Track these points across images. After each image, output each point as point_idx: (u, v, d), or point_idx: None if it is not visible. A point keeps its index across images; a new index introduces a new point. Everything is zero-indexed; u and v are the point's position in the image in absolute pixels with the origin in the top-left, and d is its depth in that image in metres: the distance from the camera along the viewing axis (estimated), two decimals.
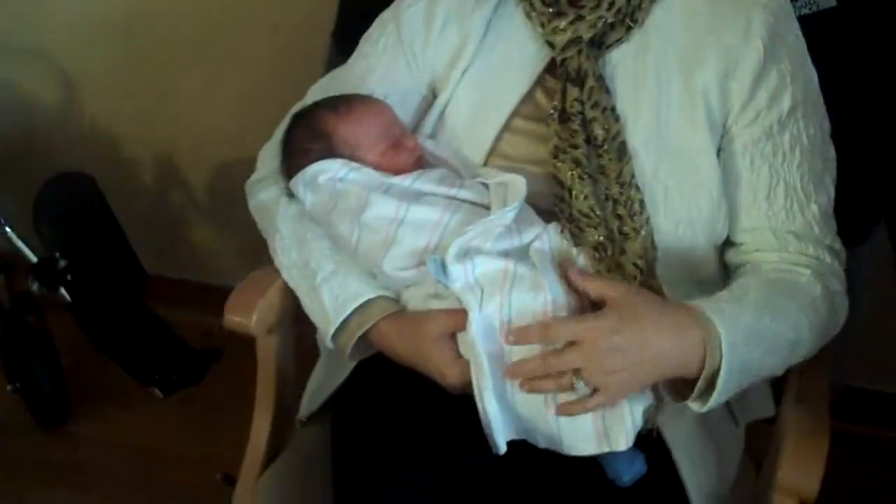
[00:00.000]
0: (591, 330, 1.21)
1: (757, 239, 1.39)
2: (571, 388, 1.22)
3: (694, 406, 1.24)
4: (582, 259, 1.33)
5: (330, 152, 1.42)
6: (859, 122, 1.59)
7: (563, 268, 1.30)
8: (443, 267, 1.29)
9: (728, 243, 1.42)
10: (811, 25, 1.48)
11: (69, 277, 2.18)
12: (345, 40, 1.71)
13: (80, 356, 2.39)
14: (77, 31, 2.45)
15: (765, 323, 1.27)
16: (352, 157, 1.42)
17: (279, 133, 1.51)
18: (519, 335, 1.25)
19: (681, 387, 1.26)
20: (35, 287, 2.19)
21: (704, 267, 1.40)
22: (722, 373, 1.21)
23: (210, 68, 2.43)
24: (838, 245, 1.40)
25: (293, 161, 1.45)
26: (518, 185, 1.37)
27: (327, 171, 1.41)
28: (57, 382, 2.33)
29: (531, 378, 1.24)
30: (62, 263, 2.18)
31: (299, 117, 1.49)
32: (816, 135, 1.39)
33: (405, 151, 1.44)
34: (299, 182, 1.42)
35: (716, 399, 1.21)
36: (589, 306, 1.27)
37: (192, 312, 2.32)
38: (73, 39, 2.47)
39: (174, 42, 2.42)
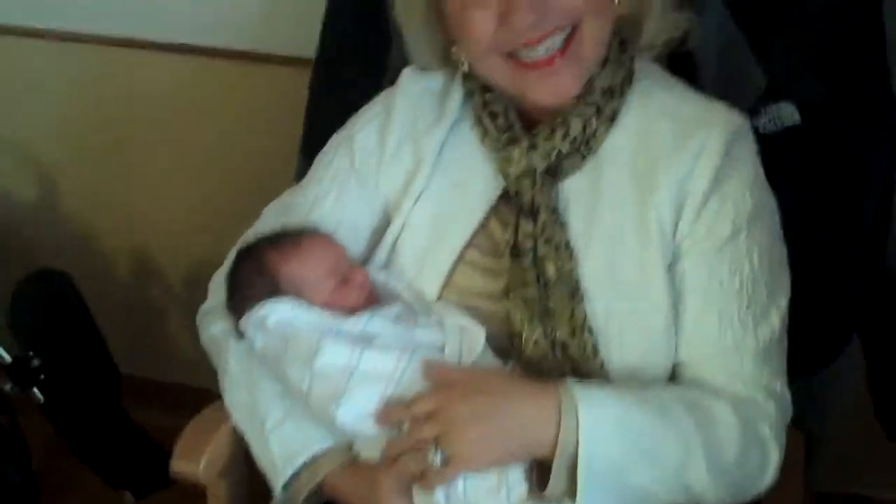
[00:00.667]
0: (445, 398, 1.24)
1: (689, 371, 1.34)
2: (430, 461, 1.23)
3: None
4: None
5: (275, 292, 1.38)
6: (826, 241, 1.56)
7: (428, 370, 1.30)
8: None
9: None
10: (776, 142, 1.48)
11: (42, 377, 2.16)
12: (312, 154, 1.66)
13: (52, 457, 2.34)
14: (52, 126, 2.46)
15: (645, 420, 1.23)
16: (298, 296, 1.38)
17: (227, 264, 1.48)
18: (386, 416, 1.27)
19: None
20: (8, 387, 2.17)
21: None
22: (581, 455, 1.19)
23: (186, 162, 2.43)
24: (779, 386, 1.34)
25: (239, 302, 1.41)
26: (476, 338, 1.33)
27: (276, 312, 1.36)
28: (28, 485, 2.28)
29: (399, 457, 1.26)
30: (36, 363, 2.15)
31: (244, 254, 1.45)
32: (763, 262, 1.33)
33: (354, 288, 1.39)
34: (248, 324, 1.38)
35: (581, 497, 1.20)
36: None
37: (166, 413, 2.28)
38: (48, 135, 2.47)
39: (149, 136, 2.42)
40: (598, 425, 1.21)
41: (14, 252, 2.53)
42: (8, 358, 2.18)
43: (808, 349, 1.42)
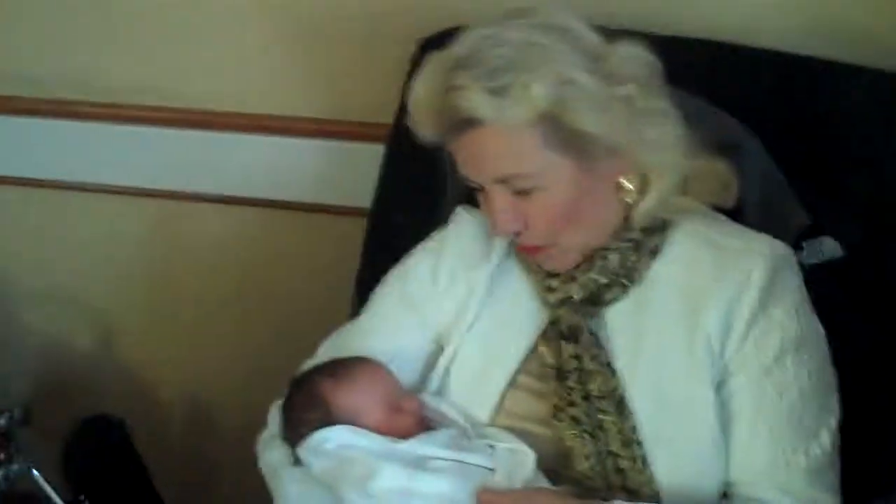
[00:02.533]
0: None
1: (740, 489, 1.36)
2: None
3: None
4: None
5: (329, 421, 1.41)
6: (872, 370, 1.56)
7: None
8: None
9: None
10: (820, 275, 1.51)
11: None
12: (367, 292, 1.73)
13: None
14: (111, 277, 2.52)
15: None
16: (352, 424, 1.41)
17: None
18: None
19: None
20: None
21: None
22: None
23: (241, 313, 2.47)
24: (831, 501, 1.36)
25: (294, 430, 1.45)
26: (526, 461, 1.37)
27: (333, 438, 1.41)
28: None
29: None
30: None
31: (298, 384, 1.50)
32: (811, 384, 1.36)
33: (406, 414, 1.45)
34: (306, 450, 1.41)
35: None
36: None
37: None
38: (107, 286, 2.53)
39: (207, 286, 2.47)
40: None
41: (72, 398, 2.57)
42: (60, 502, 2.19)
43: (864, 481, 1.42)
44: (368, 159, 1.98)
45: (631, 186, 1.41)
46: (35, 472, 2.21)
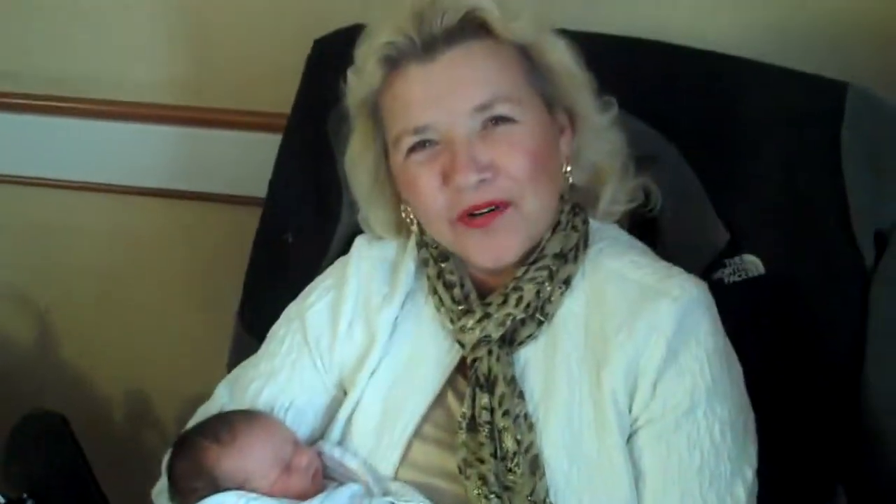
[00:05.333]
0: None
1: None
2: None
3: None
4: None
5: (217, 488, 1.35)
6: (796, 387, 1.53)
7: None
8: None
9: None
10: (742, 293, 1.49)
11: None
12: (246, 321, 1.74)
13: None
14: (51, 272, 2.51)
15: None
16: (242, 489, 1.35)
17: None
18: None
19: None
20: None
21: None
22: None
23: (177, 303, 2.49)
24: None
25: (181, 495, 1.39)
26: None
27: None
28: None
29: None
30: None
31: (181, 448, 1.43)
32: (724, 435, 1.30)
33: (299, 473, 1.38)
34: None
35: None
36: None
37: None
38: (47, 280, 2.52)
39: (146, 280, 2.47)
40: None
41: (10, 394, 2.53)
42: (2, 500, 2.17)
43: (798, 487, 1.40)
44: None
45: (571, 178, 1.42)
46: None
